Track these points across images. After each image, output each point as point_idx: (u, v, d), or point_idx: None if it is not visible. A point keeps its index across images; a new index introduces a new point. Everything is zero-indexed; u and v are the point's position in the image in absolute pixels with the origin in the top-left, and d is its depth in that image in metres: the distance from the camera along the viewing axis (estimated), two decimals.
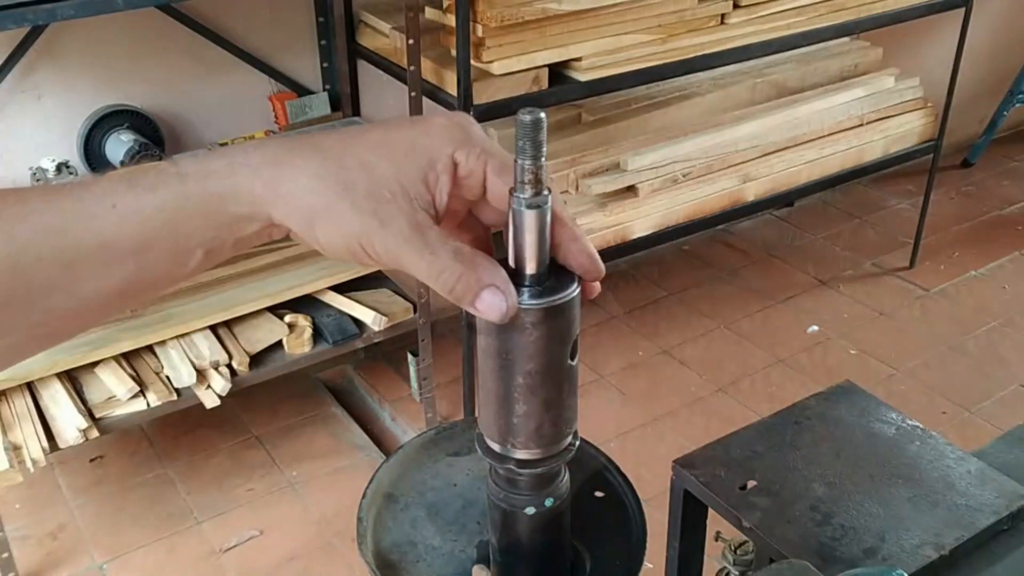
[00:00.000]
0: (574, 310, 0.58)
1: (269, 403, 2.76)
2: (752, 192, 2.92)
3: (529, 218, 0.56)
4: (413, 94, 2.32)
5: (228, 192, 0.54)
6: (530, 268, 0.57)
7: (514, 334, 0.57)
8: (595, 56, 2.41)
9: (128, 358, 2.24)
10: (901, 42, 3.71)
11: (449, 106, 2.31)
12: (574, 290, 0.57)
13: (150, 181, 0.54)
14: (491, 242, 0.62)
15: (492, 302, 0.54)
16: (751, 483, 1.21)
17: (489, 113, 2.28)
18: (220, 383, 2.23)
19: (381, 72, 2.61)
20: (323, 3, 2.63)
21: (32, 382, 2.16)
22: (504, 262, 0.57)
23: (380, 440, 2.70)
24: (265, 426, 2.71)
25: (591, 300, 0.60)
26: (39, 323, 0.55)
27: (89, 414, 2.13)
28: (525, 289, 0.57)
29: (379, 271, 2.57)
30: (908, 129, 3.24)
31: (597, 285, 0.60)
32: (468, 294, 0.54)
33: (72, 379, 2.20)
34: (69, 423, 2.09)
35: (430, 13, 2.38)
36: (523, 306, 0.56)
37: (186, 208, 0.54)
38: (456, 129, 0.57)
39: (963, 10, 3.03)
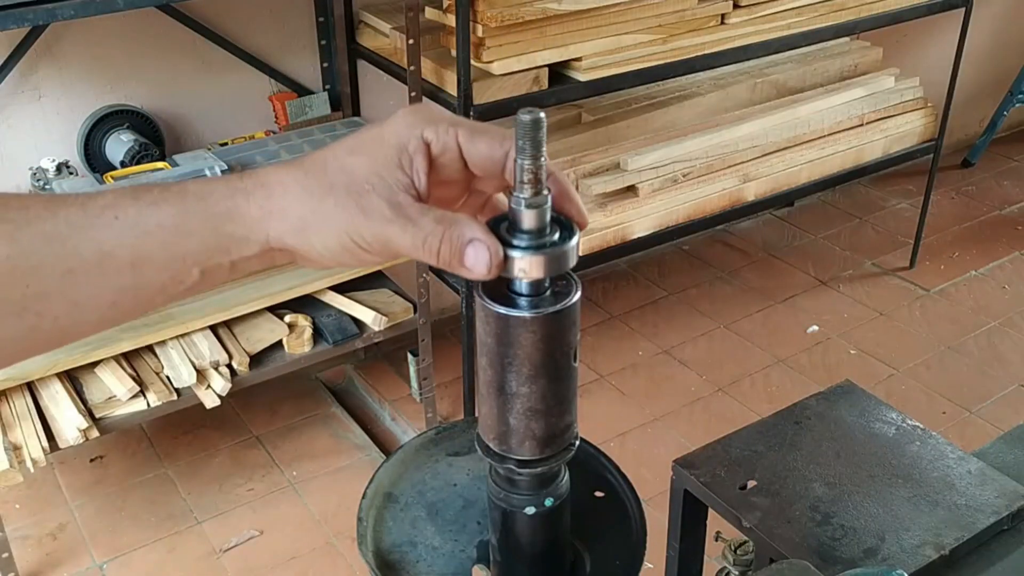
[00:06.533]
0: (575, 314, 0.58)
1: (269, 403, 2.76)
2: (752, 192, 2.92)
3: (528, 218, 0.56)
4: (413, 94, 2.32)
5: (225, 212, 0.56)
6: None
7: (515, 337, 0.57)
8: (595, 56, 2.41)
9: (128, 358, 2.24)
10: (901, 42, 3.71)
11: (449, 106, 2.31)
12: (575, 296, 0.58)
13: (153, 197, 0.56)
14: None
15: (477, 255, 0.55)
16: (751, 483, 1.21)
17: (489, 113, 2.28)
18: (220, 383, 2.23)
19: (381, 72, 2.61)
20: (323, 3, 2.63)
21: (32, 382, 2.16)
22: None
23: (380, 440, 2.70)
24: (265, 426, 2.71)
25: (590, 299, 0.61)
26: (32, 327, 0.56)
27: (89, 414, 2.13)
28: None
29: (379, 271, 2.58)
30: (908, 129, 3.24)
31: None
32: (455, 253, 0.55)
33: (72, 379, 2.20)
34: (69, 423, 2.09)
35: (430, 13, 2.38)
36: (524, 312, 0.56)
37: (185, 226, 0.56)
38: (419, 113, 0.59)
39: (963, 10, 3.03)
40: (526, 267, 0.55)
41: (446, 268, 0.56)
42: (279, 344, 2.36)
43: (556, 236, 0.56)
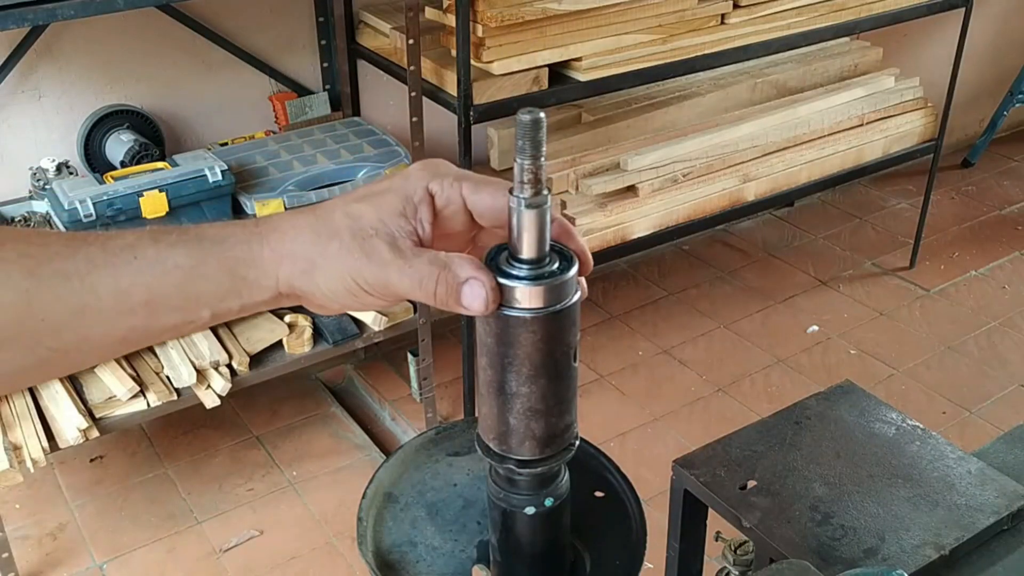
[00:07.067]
0: (574, 314, 0.58)
1: (269, 403, 2.76)
2: (752, 192, 2.92)
3: (528, 217, 0.56)
4: (413, 94, 2.32)
5: (241, 257, 0.59)
6: None
7: (515, 337, 0.57)
8: (595, 56, 2.41)
9: (128, 358, 2.24)
10: (901, 42, 3.71)
11: (449, 106, 2.31)
12: (575, 296, 0.58)
13: (172, 239, 0.59)
14: None
15: (473, 294, 0.57)
16: (751, 483, 1.21)
17: (489, 113, 2.28)
18: (220, 383, 2.23)
19: (381, 72, 2.61)
20: (323, 3, 2.63)
21: None
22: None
23: (380, 440, 2.70)
24: (265, 426, 2.71)
25: (590, 299, 0.62)
26: (42, 360, 0.59)
27: (89, 414, 2.13)
28: None
29: None
30: (908, 129, 3.24)
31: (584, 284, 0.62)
32: (451, 293, 0.57)
33: (72, 379, 2.19)
34: (69, 423, 2.09)
35: (430, 13, 2.38)
36: (524, 312, 0.56)
37: (201, 267, 0.58)
38: (428, 168, 0.62)
39: (963, 10, 3.03)
40: (523, 298, 0.56)
41: (444, 308, 0.58)
42: (279, 344, 2.36)
43: (555, 266, 0.57)
